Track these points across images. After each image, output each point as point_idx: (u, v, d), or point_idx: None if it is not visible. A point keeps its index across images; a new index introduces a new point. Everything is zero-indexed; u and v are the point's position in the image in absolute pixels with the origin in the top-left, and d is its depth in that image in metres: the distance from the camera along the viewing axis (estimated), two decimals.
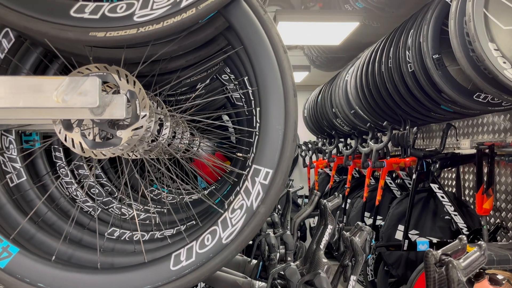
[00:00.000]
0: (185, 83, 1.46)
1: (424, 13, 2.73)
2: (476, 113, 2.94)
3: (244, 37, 0.95)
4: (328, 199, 2.20)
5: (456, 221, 3.58)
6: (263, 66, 0.94)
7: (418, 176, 3.54)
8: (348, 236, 1.50)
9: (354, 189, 5.57)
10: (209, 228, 0.93)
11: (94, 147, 0.88)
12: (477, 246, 0.91)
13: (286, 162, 0.94)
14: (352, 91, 4.18)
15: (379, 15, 4.08)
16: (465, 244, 0.95)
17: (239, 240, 0.92)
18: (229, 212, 0.93)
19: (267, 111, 0.94)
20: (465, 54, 2.23)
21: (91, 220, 1.32)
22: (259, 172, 0.93)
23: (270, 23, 0.96)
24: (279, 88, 0.94)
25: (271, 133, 0.94)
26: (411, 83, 2.88)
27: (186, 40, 1.04)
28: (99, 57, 1.01)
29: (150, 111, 1.03)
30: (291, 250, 1.79)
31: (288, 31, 4.07)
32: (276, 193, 0.94)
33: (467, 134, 4.15)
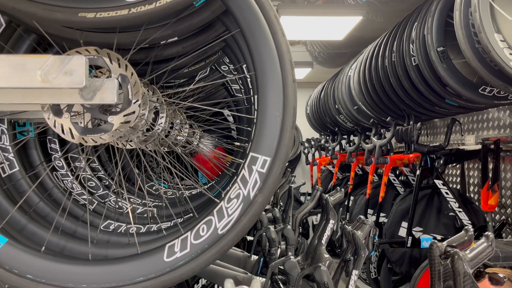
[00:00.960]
0: (183, 72, 1.43)
1: (428, 6, 2.68)
2: (482, 107, 2.89)
3: (240, 19, 0.91)
4: (330, 194, 2.16)
5: (460, 218, 3.54)
6: (260, 49, 0.91)
7: (422, 172, 3.49)
8: (350, 230, 1.47)
9: (357, 186, 5.52)
10: (204, 218, 0.90)
11: (85, 133, 0.84)
12: (485, 237, 0.87)
13: (284, 150, 0.90)
14: (355, 86, 4.13)
15: (383, 9, 4.03)
16: (472, 236, 0.91)
17: (235, 230, 0.89)
18: (225, 201, 0.90)
19: (265, 97, 0.91)
20: (471, 46, 2.18)
21: (85, 212, 1.29)
22: (257, 160, 0.90)
23: (268, 5, 0.92)
24: (277, 72, 0.91)
25: (269, 119, 0.90)
26: (415, 77, 2.84)
27: (181, 24, 1.00)
28: (92, 42, 0.98)
29: (144, 98, 1.00)
30: (292, 245, 1.75)
31: (290, 25, 4.02)
32: (274, 182, 0.90)
33: (472, 129, 4.09)
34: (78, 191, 1.50)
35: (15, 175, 1.17)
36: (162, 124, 1.17)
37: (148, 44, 1.10)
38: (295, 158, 8.00)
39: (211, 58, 1.43)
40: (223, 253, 0.89)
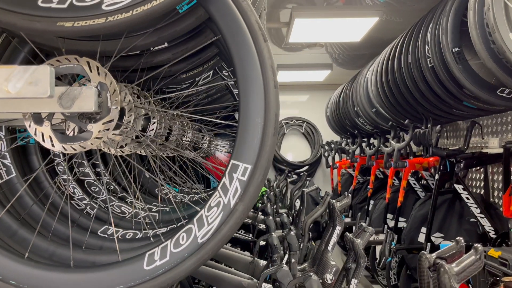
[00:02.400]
0: (181, 78, 1.43)
1: (443, 6, 2.60)
2: (501, 109, 2.77)
3: (221, 25, 0.90)
4: (337, 199, 2.12)
5: (482, 224, 3.41)
6: (241, 55, 0.89)
7: (441, 177, 3.39)
8: (350, 237, 1.43)
9: (378, 190, 5.41)
10: (184, 227, 0.89)
11: (64, 142, 0.85)
12: (473, 249, 0.82)
13: (266, 157, 0.89)
14: (373, 88, 4.06)
15: (400, 9, 3.95)
16: (463, 247, 0.87)
17: (215, 239, 0.87)
18: (205, 210, 0.89)
19: (246, 103, 0.89)
20: (486, 46, 2.10)
21: (80, 217, 1.30)
22: (237, 168, 0.88)
23: (249, 10, 0.91)
24: (259, 78, 0.89)
25: (250, 126, 0.89)
26: (431, 79, 2.75)
27: (165, 31, 1.00)
28: (79, 50, 0.99)
29: (130, 104, 1.00)
30: (295, 252, 1.72)
31: (305, 28, 3.99)
32: (255, 190, 0.88)
33: (495, 132, 3.94)
34: (80, 196, 1.52)
35: (13, 181, 1.19)
36: (153, 130, 1.17)
37: (138, 51, 1.11)
38: (315, 161, 7.93)
39: (209, 63, 1.43)
40: (203, 262, 0.88)
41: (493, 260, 2.69)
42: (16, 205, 1.17)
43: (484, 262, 2.67)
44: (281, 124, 7.99)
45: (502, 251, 2.68)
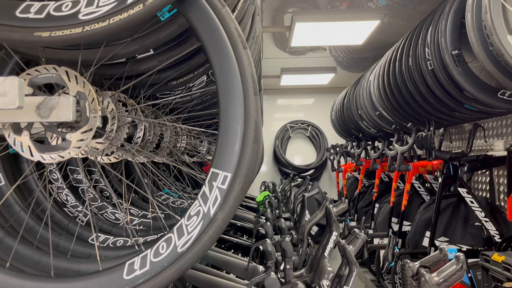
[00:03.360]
0: (172, 84, 1.43)
1: (442, 8, 2.57)
2: (503, 112, 2.73)
3: (200, 32, 0.90)
4: (334, 204, 2.10)
5: (487, 228, 3.36)
6: (220, 63, 0.89)
7: (444, 180, 3.35)
8: (343, 244, 1.41)
9: (383, 194, 5.37)
10: (164, 236, 0.88)
11: (43, 151, 0.85)
12: (455, 258, 0.80)
13: (246, 165, 0.88)
14: (375, 91, 4.03)
15: (402, 11, 3.92)
16: (446, 255, 0.85)
17: (195, 248, 0.87)
18: (185, 219, 0.88)
19: (226, 111, 0.89)
20: (484, 49, 2.08)
21: (69, 224, 1.31)
22: (217, 176, 0.88)
23: (228, 17, 0.90)
24: (238, 85, 0.88)
25: (229, 134, 0.88)
26: (432, 82, 2.73)
27: (147, 39, 1.00)
28: (61, 59, 0.99)
29: (113, 113, 1.00)
30: (290, 258, 1.71)
31: (306, 32, 3.99)
32: (235, 199, 0.87)
33: (500, 134, 3.89)
34: (73, 203, 1.52)
35: (1, 190, 1.20)
36: (140, 138, 1.17)
37: (123, 59, 1.11)
38: (321, 165, 7.89)
39: (199, 70, 1.42)
40: (183, 272, 0.87)
41: (497, 265, 2.64)
42: (5, 213, 1.18)
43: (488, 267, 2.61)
44: (286, 127, 7.97)
45: (506, 256, 2.63)
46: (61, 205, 1.50)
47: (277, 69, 6.56)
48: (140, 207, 1.93)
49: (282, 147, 7.90)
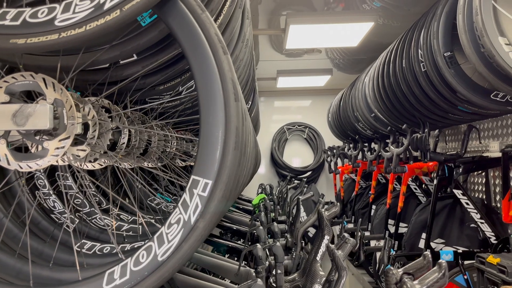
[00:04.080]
0: (159, 89, 1.42)
1: (435, 10, 2.57)
2: (497, 113, 2.73)
3: (181, 38, 0.89)
4: (326, 208, 2.09)
5: (483, 229, 3.35)
6: (201, 68, 0.88)
7: (440, 182, 3.33)
8: (332, 249, 1.40)
9: (380, 195, 5.36)
10: (145, 244, 0.87)
11: (20, 160, 0.84)
12: (437, 265, 0.79)
13: (227, 172, 0.87)
14: (370, 93, 4.02)
15: (396, 13, 3.92)
16: (430, 262, 0.84)
17: (176, 257, 0.85)
18: (165, 227, 0.87)
19: (206, 117, 0.88)
20: (476, 51, 2.07)
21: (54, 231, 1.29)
22: (198, 184, 0.87)
23: (208, 23, 0.89)
24: (219, 91, 0.87)
25: (210, 140, 0.87)
26: (425, 84, 2.72)
27: (128, 45, 0.99)
28: (40, 66, 0.98)
29: (94, 120, 0.99)
30: (281, 263, 1.70)
31: (301, 34, 3.98)
32: (217, 206, 0.86)
33: (496, 135, 3.88)
34: (60, 210, 1.51)
35: None
36: (124, 144, 1.16)
37: (105, 65, 1.10)
38: (318, 167, 7.88)
39: (186, 74, 1.41)
40: (164, 281, 0.86)
41: (492, 267, 2.63)
42: None
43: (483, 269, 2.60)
44: (283, 129, 7.96)
45: (501, 258, 2.62)
46: (48, 212, 1.48)
47: (274, 71, 6.56)
48: (131, 212, 1.92)
49: (279, 149, 7.89)
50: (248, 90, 2.95)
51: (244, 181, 1.97)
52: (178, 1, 0.88)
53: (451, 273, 3.35)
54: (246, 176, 1.76)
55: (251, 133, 1.68)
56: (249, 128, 1.50)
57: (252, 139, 1.97)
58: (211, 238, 3.15)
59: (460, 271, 3.28)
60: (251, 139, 1.86)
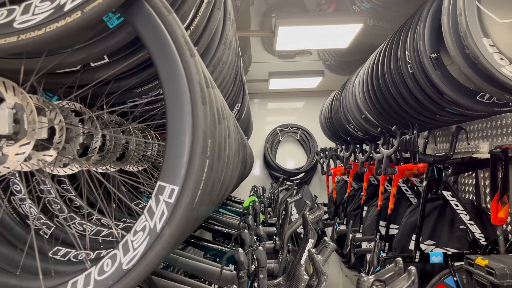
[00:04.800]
0: (136, 92, 1.39)
1: (421, 11, 2.56)
2: (483, 114, 2.72)
3: (147, 40, 0.86)
4: (311, 211, 2.07)
5: (472, 231, 3.34)
6: (167, 71, 0.86)
7: (429, 183, 3.33)
8: (312, 253, 1.38)
9: (372, 197, 5.35)
10: (110, 253, 0.85)
11: None
12: (407, 272, 0.77)
13: (194, 178, 0.84)
14: (360, 95, 4.01)
15: (386, 14, 3.92)
16: (401, 269, 0.82)
17: (141, 265, 0.83)
18: (131, 234, 0.84)
19: (173, 122, 0.85)
20: (461, 52, 2.06)
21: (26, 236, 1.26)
22: (164, 190, 0.84)
23: (175, 24, 0.87)
24: (186, 95, 0.85)
25: (176, 145, 0.84)
26: (412, 85, 2.71)
27: (95, 47, 0.96)
28: (3, 68, 0.96)
29: (60, 124, 0.96)
30: (263, 267, 1.67)
31: (290, 36, 3.97)
32: (184, 213, 0.84)
33: (486, 136, 3.88)
34: (37, 215, 1.48)
35: None
36: (96, 148, 1.13)
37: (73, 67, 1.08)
38: (311, 168, 7.87)
39: None
40: None
41: (480, 269, 2.62)
42: None
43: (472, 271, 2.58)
44: (276, 131, 7.95)
45: (490, 260, 2.61)
46: (23, 218, 1.45)
47: (267, 73, 6.55)
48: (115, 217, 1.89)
49: (272, 151, 7.87)
50: (235, 92, 2.93)
51: (228, 185, 1.95)
52: (144, 2, 0.86)
53: (441, 275, 3.34)
54: (229, 180, 1.74)
55: (232, 135, 1.66)
56: (229, 131, 1.48)
57: (236, 142, 1.95)
58: (200, 242, 3.12)
59: (450, 272, 3.27)
60: (234, 142, 1.84)
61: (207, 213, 1.53)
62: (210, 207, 1.49)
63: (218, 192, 1.49)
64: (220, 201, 1.99)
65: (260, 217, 4.13)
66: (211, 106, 1.00)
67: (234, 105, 3.21)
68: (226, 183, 1.70)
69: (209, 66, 1.76)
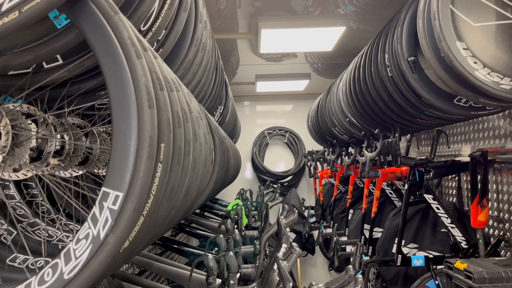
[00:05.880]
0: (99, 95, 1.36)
1: (399, 14, 2.56)
2: (461, 118, 2.73)
3: (92, 41, 0.84)
4: (285, 215, 2.05)
5: (453, 234, 3.34)
6: (112, 73, 0.83)
7: (410, 187, 3.32)
8: (278, 259, 1.36)
9: (358, 200, 5.35)
10: (51, 262, 0.81)
11: None
12: (354, 280, 0.75)
13: (139, 184, 0.81)
14: (344, 98, 4.01)
15: (369, 18, 3.92)
16: (351, 277, 0.80)
17: (84, 275, 0.80)
18: (73, 242, 0.81)
19: (118, 126, 0.82)
20: (436, 55, 2.05)
21: None
22: (108, 196, 0.81)
23: (121, 25, 0.84)
24: (131, 98, 0.82)
25: (121, 150, 0.82)
26: (392, 88, 2.71)
27: (42, 49, 0.93)
28: None
29: (6, 128, 0.93)
30: (234, 273, 1.64)
31: (274, 38, 3.95)
32: (129, 220, 0.81)
33: (469, 140, 3.90)
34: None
35: None
36: (50, 152, 1.10)
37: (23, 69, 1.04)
38: (299, 171, 7.86)
39: None
40: None
41: (459, 273, 2.62)
42: None
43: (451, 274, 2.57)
44: (264, 134, 7.93)
45: (468, 263, 2.61)
46: None
47: (253, 75, 6.54)
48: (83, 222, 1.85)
49: (260, 154, 7.85)
50: (215, 95, 2.90)
51: (201, 189, 1.92)
52: (89, 2, 0.83)
53: (423, 278, 3.34)
54: (200, 185, 1.71)
55: (202, 139, 1.63)
56: (196, 134, 1.45)
57: (209, 146, 1.92)
58: (180, 247, 3.09)
59: (432, 276, 3.27)
60: (206, 146, 1.81)
61: (174, 218, 1.49)
62: (177, 212, 1.45)
63: (184, 197, 1.46)
64: (195, 205, 1.96)
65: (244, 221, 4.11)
66: (165, 110, 0.97)
67: (215, 108, 3.18)
68: (196, 188, 1.67)
69: (180, 69, 1.74)
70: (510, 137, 3.27)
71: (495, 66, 1.88)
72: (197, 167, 1.55)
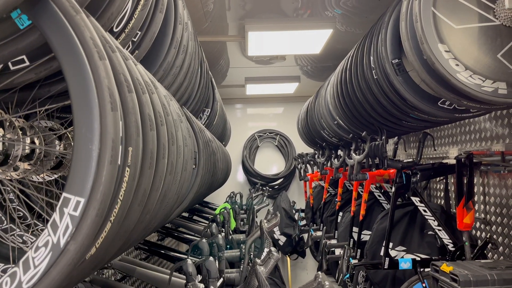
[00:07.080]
0: None
1: (384, 17, 2.56)
2: (446, 121, 2.73)
3: (52, 42, 0.81)
4: (267, 219, 2.03)
5: (440, 237, 3.34)
6: (74, 75, 0.80)
7: (398, 190, 3.32)
8: (256, 264, 1.33)
9: (348, 203, 5.33)
10: (10, 270, 0.78)
11: None
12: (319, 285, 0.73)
13: (102, 189, 0.79)
14: (331, 100, 4.01)
15: (356, 20, 3.93)
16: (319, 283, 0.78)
17: (43, 284, 0.77)
18: (32, 250, 0.78)
19: (79, 129, 0.80)
20: (419, 58, 2.05)
21: None
22: (69, 202, 0.79)
23: (82, 25, 0.82)
24: (93, 100, 0.80)
25: (83, 154, 0.79)
26: (377, 91, 2.70)
27: (4, 50, 0.90)
28: None
29: None
30: (214, 278, 1.62)
31: (261, 41, 3.94)
32: (90, 226, 0.78)
33: (456, 142, 3.91)
34: None
35: None
36: (17, 157, 1.07)
37: None
38: (289, 174, 7.85)
39: None
40: None
41: (445, 276, 2.61)
42: None
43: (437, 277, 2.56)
44: (255, 137, 7.91)
45: (454, 266, 2.60)
46: None
47: (243, 78, 6.52)
48: None
49: (250, 157, 7.83)
50: (200, 97, 2.87)
51: (182, 193, 1.89)
52: (50, 2, 0.81)
53: (410, 281, 3.33)
54: (178, 188, 1.68)
55: (181, 142, 1.60)
56: (173, 137, 1.42)
57: (189, 149, 1.89)
58: (167, 252, 3.06)
59: (419, 279, 3.26)
60: (186, 149, 1.78)
61: (152, 223, 1.46)
62: (153, 217, 1.42)
63: (161, 201, 1.43)
64: (178, 209, 1.93)
65: (232, 224, 4.08)
66: (133, 112, 0.94)
67: (200, 110, 3.16)
68: (175, 192, 1.64)
69: (159, 71, 1.71)
70: (496, 140, 3.29)
71: (477, 68, 1.88)
72: (176, 171, 1.53)
